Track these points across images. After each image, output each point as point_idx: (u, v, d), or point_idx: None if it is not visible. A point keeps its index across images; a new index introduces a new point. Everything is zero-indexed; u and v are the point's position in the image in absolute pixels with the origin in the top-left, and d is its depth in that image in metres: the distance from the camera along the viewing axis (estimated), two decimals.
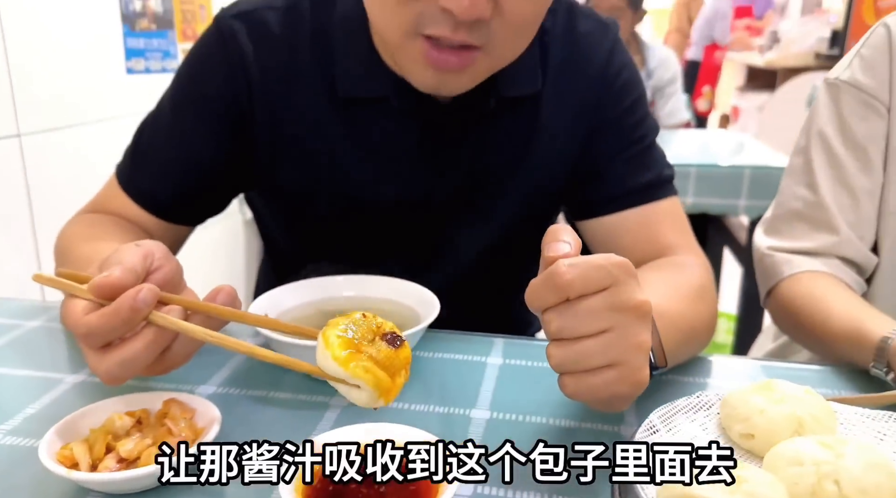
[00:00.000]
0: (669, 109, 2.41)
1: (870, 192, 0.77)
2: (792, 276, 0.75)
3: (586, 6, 0.78)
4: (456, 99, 0.69)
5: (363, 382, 0.42)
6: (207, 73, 0.72)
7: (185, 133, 0.73)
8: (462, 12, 0.54)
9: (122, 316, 0.44)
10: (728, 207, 1.70)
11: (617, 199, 0.75)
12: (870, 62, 0.77)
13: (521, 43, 0.64)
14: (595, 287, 0.43)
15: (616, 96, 0.75)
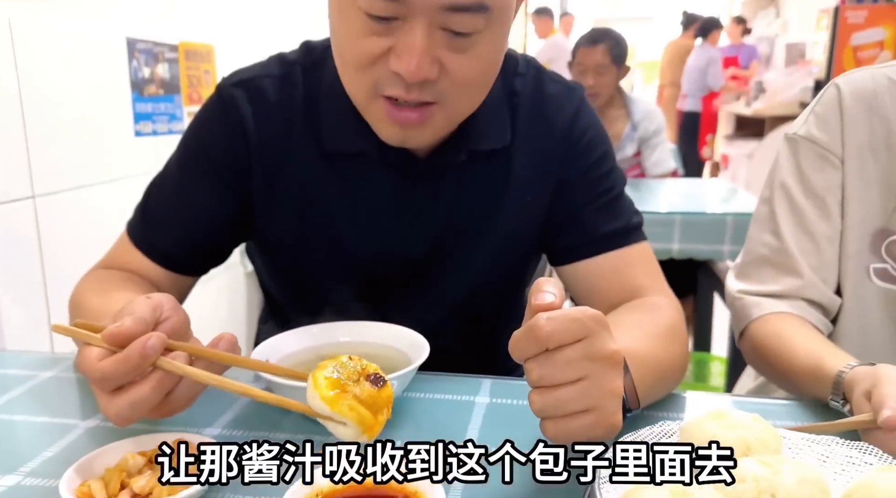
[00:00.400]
0: (656, 159, 2.49)
1: (830, 238, 0.82)
2: (761, 317, 0.80)
3: (553, 72, 0.85)
4: (432, 152, 0.76)
5: (348, 419, 0.47)
6: (210, 136, 0.79)
7: (190, 190, 0.79)
8: (409, 76, 0.62)
9: (132, 361, 0.50)
10: (713, 253, 1.75)
11: (590, 245, 0.81)
12: (823, 119, 0.83)
13: (473, 98, 0.70)
14: (572, 338, 0.47)
15: (582, 153, 0.81)
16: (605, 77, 2.37)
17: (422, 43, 0.61)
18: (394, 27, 0.62)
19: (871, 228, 0.81)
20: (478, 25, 0.63)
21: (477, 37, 0.64)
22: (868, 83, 0.82)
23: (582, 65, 2.39)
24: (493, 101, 0.78)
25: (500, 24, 0.66)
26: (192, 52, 1.57)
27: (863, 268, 0.81)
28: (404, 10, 0.61)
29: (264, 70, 0.80)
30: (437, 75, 0.64)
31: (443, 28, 0.62)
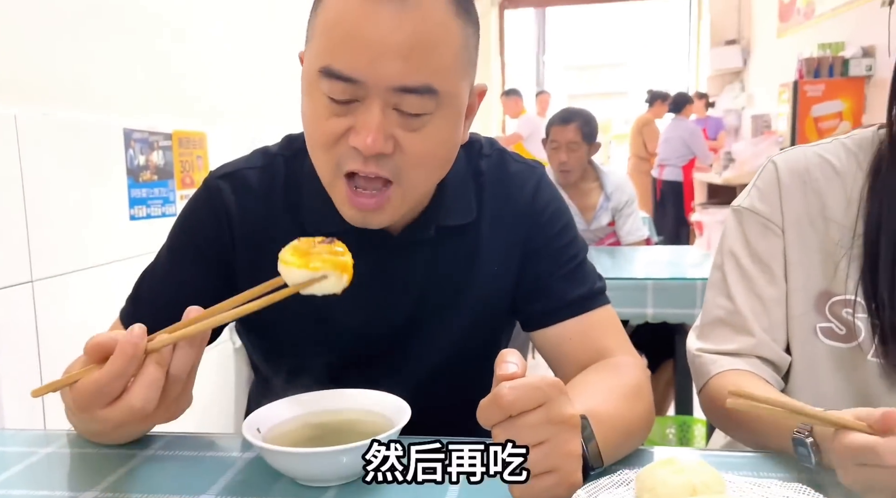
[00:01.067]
0: (629, 228, 2.59)
1: (777, 300, 0.89)
2: (719, 373, 0.86)
3: (514, 152, 0.94)
4: (404, 229, 0.83)
5: (325, 270, 0.60)
6: (197, 224, 0.85)
7: (179, 276, 0.85)
8: (366, 149, 0.69)
9: (128, 353, 0.57)
10: (686, 317, 1.82)
11: (557, 311, 0.87)
12: (764, 192, 0.91)
13: (427, 176, 0.76)
14: (533, 404, 0.53)
15: (545, 224, 0.88)
16: (577, 153, 2.52)
17: (377, 120, 0.68)
18: (353, 108, 0.70)
19: (814, 291, 0.88)
20: (427, 107, 0.70)
21: (428, 118, 0.71)
22: (801, 160, 0.90)
23: (555, 142, 2.53)
24: (459, 181, 0.86)
25: (450, 108, 0.73)
26: (186, 139, 1.66)
27: (810, 327, 0.88)
28: (361, 92, 0.69)
29: (248, 163, 0.87)
30: (392, 151, 0.70)
31: (396, 109, 0.69)
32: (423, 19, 0.68)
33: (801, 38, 5.70)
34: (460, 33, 0.72)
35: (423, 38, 0.68)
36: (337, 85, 0.69)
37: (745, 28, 7.48)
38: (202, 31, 1.85)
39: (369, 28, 0.67)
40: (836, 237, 0.87)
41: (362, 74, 0.68)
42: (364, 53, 0.67)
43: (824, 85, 4.59)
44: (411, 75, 0.68)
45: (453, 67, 0.71)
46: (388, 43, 0.67)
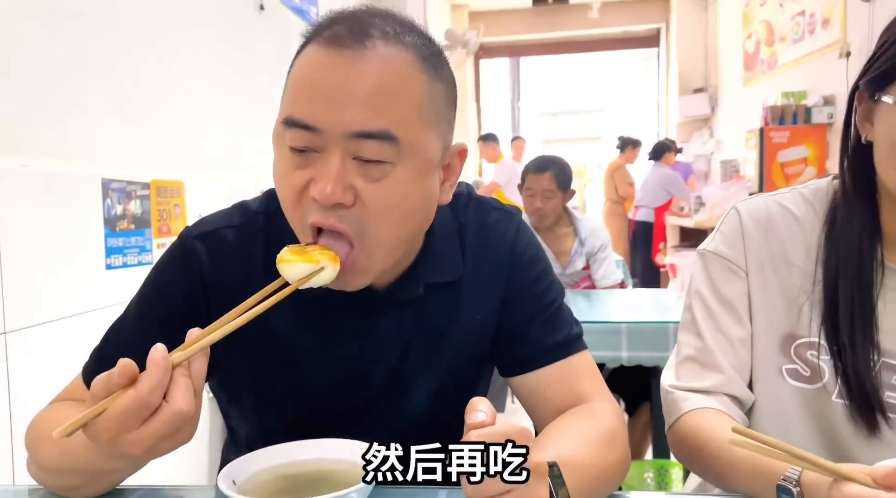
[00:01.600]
0: (603, 273, 2.64)
1: (742, 340, 0.92)
2: (690, 411, 0.87)
3: (492, 198, 0.95)
4: (390, 287, 0.83)
5: (323, 259, 0.68)
6: (169, 287, 0.83)
7: (146, 336, 0.77)
8: (323, 199, 0.68)
9: (161, 366, 0.59)
10: (660, 359, 1.85)
11: (535, 358, 0.88)
12: (727, 237, 0.95)
13: (390, 230, 0.73)
14: None
15: (524, 270, 0.90)
16: (552, 201, 2.58)
17: (335, 169, 0.68)
18: (313, 159, 0.70)
19: (778, 333, 0.91)
20: (387, 155, 0.69)
21: (389, 167, 0.70)
22: (762, 208, 0.94)
23: (531, 189, 2.59)
24: (446, 236, 0.86)
25: (413, 159, 0.71)
26: (164, 188, 1.67)
27: (775, 368, 0.91)
28: (320, 142, 0.69)
29: (226, 220, 0.85)
30: (353, 202, 0.70)
31: (356, 157, 0.69)
32: (383, 69, 0.69)
33: (765, 87, 5.91)
34: (424, 87, 0.72)
35: (382, 87, 0.69)
36: (297, 134, 0.69)
37: (713, 77, 7.74)
38: (181, 82, 1.89)
39: (328, 77, 0.69)
40: (798, 282, 0.90)
41: (320, 121, 0.68)
42: (322, 100, 0.68)
43: (789, 131, 4.75)
44: (369, 120, 0.68)
45: (415, 118, 0.71)
46: (345, 90, 0.68)
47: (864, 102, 0.86)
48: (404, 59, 0.71)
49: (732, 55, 6.97)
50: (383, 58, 0.69)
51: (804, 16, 5.22)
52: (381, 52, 0.70)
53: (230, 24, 2.25)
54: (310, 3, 3.01)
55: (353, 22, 0.71)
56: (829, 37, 4.78)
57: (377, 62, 0.69)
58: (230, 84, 2.21)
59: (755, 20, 6.31)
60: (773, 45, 5.89)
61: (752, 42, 6.41)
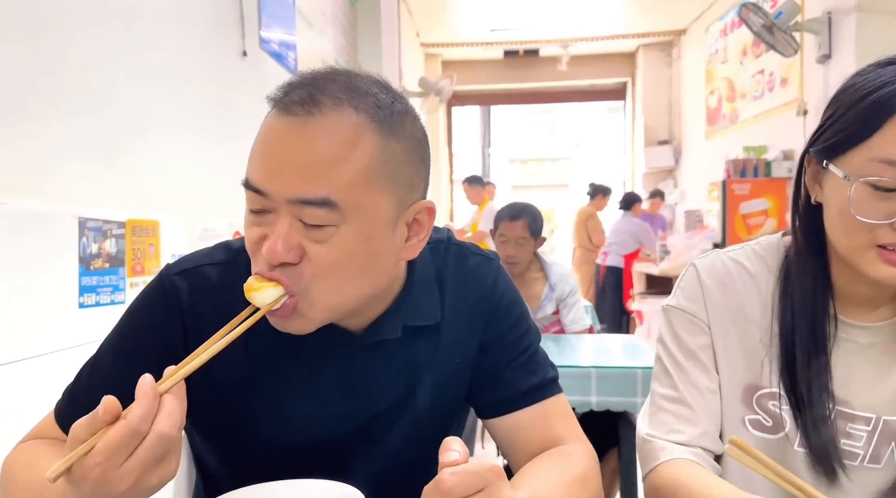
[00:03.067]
0: (572, 317, 2.68)
1: (712, 390, 0.94)
2: (667, 461, 0.89)
3: (471, 243, 0.97)
4: (368, 329, 0.84)
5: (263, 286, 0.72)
6: (148, 325, 0.82)
7: (121, 378, 0.76)
8: (269, 256, 0.72)
9: (149, 395, 0.60)
10: (627, 404, 1.88)
11: (512, 401, 0.90)
12: (688, 292, 0.98)
13: (337, 286, 0.74)
14: (473, 489, 0.58)
15: (502, 316, 0.92)
16: (524, 248, 2.64)
17: (281, 230, 0.71)
18: (267, 219, 0.74)
19: (740, 385, 0.94)
20: (329, 219, 0.71)
21: (332, 230, 0.72)
22: (718, 265, 0.98)
23: (504, 236, 2.65)
24: (424, 278, 0.88)
25: (358, 221, 0.73)
26: (139, 228, 1.67)
27: (738, 419, 0.93)
28: (270, 204, 0.73)
29: (208, 258, 0.86)
30: (299, 260, 0.72)
31: (300, 220, 0.72)
32: (326, 136, 0.71)
33: (727, 141, 6.15)
34: (374, 150, 0.73)
35: (323, 154, 0.70)
36: (252, 196, 0.74)
37: (677, 129, 8.01)
38: (159, 122, 1.91)
39: (274, 144, 0.72)
40: (756, 335, 0.94)
41: (266, 187, 0.72)
42: (268, 167, 0.72)
43: (750, 184, 4.92)
44: (307, 189, 0.70)
45: (360, 182, 0.72)
46: (286, 158, 0.71)
47: (812, 165, 0.90)
48: (353, 124, 0.72)
49: (695, 110, 7.24)
50: (329, 124, 0.71)
51: (763, 74, 5.48)
52: (328, 119, 0.72)
53: (212, 69, 2.29)
54: (287, 49, 3.07)
55: (307, 87, 0.73)
56: (788, 95, 5.01)
57: (322, 129, 0.71)
58: (208, 127, 2.24)
59: (717, 77, 6.59)
60: (734, 101, 6.14)
61: (714, 98, 6.67)
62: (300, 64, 3.20)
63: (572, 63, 8.23)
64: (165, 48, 1.96)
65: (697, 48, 7.22)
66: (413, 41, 7.51)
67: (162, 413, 0.61)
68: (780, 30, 4.18)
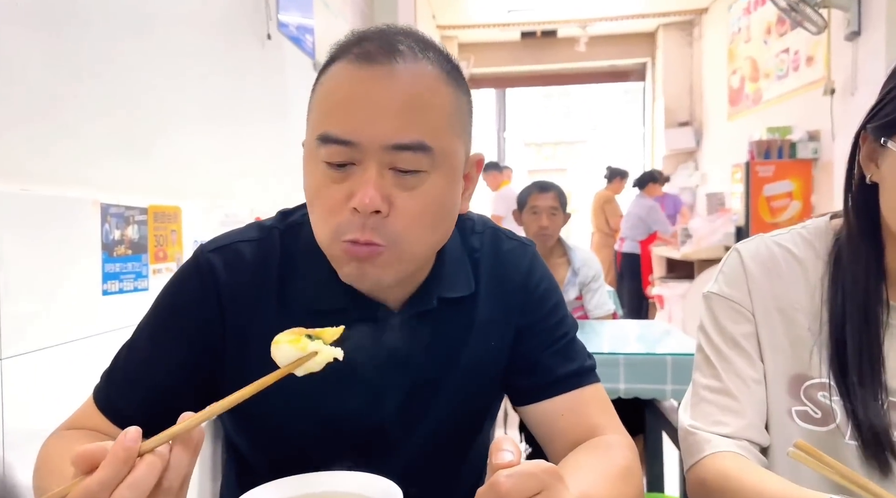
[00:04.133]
0: (596, 302, 2.64)
1: (757, 380, 0.91)
2: (713, 453, 0.85)
3: (508, 230, 0.96)
4: (404, 303, 0.83)
5: (316, 345, 0.62)
6: (184, 301, 0.83)
7: (159, 355, 0.81)
8: (362, 207, 0.70)
9: (119, 458, 0.52)
10: (657, 392, 1.84)
11: (548, 387, 0.88)
12: (730, 278, 0.95)
13: (422, 235, 0.75)
14: (529, 493, 0.54)
15: (538, 302, 0.90)
16: (556, 218, 2.63)
17: (373, 178, 0.71)
18: (350, 172, 0.72)
19: (787, 375, 0.90)
20: (422, 164, 0.72)
21: (423, 176, 0.73)
22: (763, 250, 0.94)
23: (535, 207, 2.64)
24: (455, 255, 0.87)
25: (444, 167, 0.75)
26: (161, 214, 1.66)
27: (784, 410, 0.90)
28: (357, 155, 0.71)
29: (242, 235, 0.86)
30: (388, 211, 0.72)
31: (391, 168, 0.72)
32: (413, 83, 0.73)
33: (750, 122, 6.03)
34: (451, 98, 0.76)
35: (414, 99, 0.72)
36: (334, 149, 0.72)
37: (697, 111, 7.88)
38: (181, 108, 1.88)
39: (362, 93, 0.71)
40: (804, 323, 0.90)
41: (357, 135, 0.71)
42: (358, 115, 0.71)
43: (774, 166, 4.83)
44: (404, 132, 0.71)
45: (445, 127, 0.75)
46: (380, 104, 0.71)
47: (868, 143, 0.86)
48: (431, 73, 0.75)
49: (717, 90, 7.11)
50: (412, 72, 0.73)
51: (788, 53, 5.35)
52: (410, 67, 0.73)
53: (230, 53, 2.26)
54: (305, 32, 3.03)
55: (382, 39, 0.74)
56: (814, 74, 4.90)
57: (407, 76, 0.72)
58: (229, 112, 2.21)
59: (740, 57, 6.46)
60: (757, 81, 6.01)
61: (736, 78, 6.54)
62: (318, 48, 3.17)
63: (591, 44, 8.11)
64: (188, 34, 1.93)
65: (719, 27, 7.08)
66: (429, 24, 7.43)
67: (122, 485, 0.53)
68: (808, 5, 4.07)
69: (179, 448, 0.56)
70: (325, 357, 0.65)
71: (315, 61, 3.12)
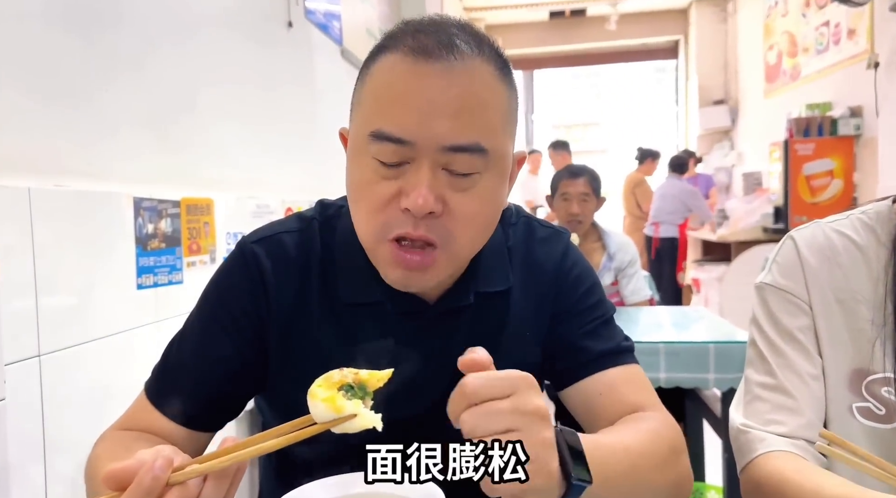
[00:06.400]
0: (632, 288, 2.59)
1: (814, 376, 0.86)
2: (768, 453, 0.81)
3: (541, 218, 0.95)
4: (441, 297, 0.81)
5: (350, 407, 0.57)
6: (232, 294, 0.83)
7: (209, 346, 0.82)
8: (416, 209, 0.68)
9: (144, 485, 0.51)
10: (699, 381, 1.79)
11: (584, 366, 0.85)
12: (785, 268, 0.90)
13: (474, 238, 0.75)
14: (499, 394, 0.54)
15: (572, 287, 0.88)
16: (588, 204, 2.58)
17: (427, 179, 0.69)
18: (402, 171, 0.70)
19: (847, 369, 0.86)
20: (477, 166, 0.71)
21: (477, 177, 0.71)
22: (820, 237, 0.89)
23: (566, 193, 2.58)
24: (495, 248, 0.85)
25: (497, 168, 0.73)
26: (193, 206, 1.65)
27: (844, 407, 0.85)
28: (411, 154, 0.69)
29: (283, 227, 0.86)
30: (441, 212, 0.70)
31: (445, 169, 0.70)
32: (471, 82, 0.70)
33: (787, 99, 5.85)
34: (505, 97, 0.74)
35: (472, 99, 0.70)
36: (387, 147, 0.69)
37: (733, 88, 7.68)
38: (210, 100, 1.87)
39: (419, 90, 0.69)
40: (866, 315, 0.85)
41: (413, 135, 0.68)
42: (414, 114, 0.69)
43: (814, 144, 4.68)
44: (461, 134, 0.69)
45: (500, 127, 0.73)
46: (437, 103, 0.68)
47: None
48: (488, 71, 0.72)
49: (753, 67, 6.92)
50: (470, 69, 0.70)
51: (829, 26, 5.17)
52: (468, 64, 0.70)
53: (258, 42, 2.24)
54: (333, 18, 3.00)
55: (438, 33, 0.71)
56: (856, 47, 4.72)
57: (466, 74, 0.70)
58: (258, 102, 2.20)
59: (777, 31, 6.26)
60: (795, 57, 5.83)
61: (773, 53, 6.35)
62: (345, 34, 3.14)
63: (621, 22, 7.94)
64: (217, 27, 1.92)
65: (755, 1, 6.87)
66: (456, 6, 7.35)
67: None
68: None
69: (213, 483, 0.55)
70: (364, 424, 0.60)
71: (343, 48, 3.09)
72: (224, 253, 1.81)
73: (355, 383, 0.61)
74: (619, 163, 11.44)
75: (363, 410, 0.59)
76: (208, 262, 1.70)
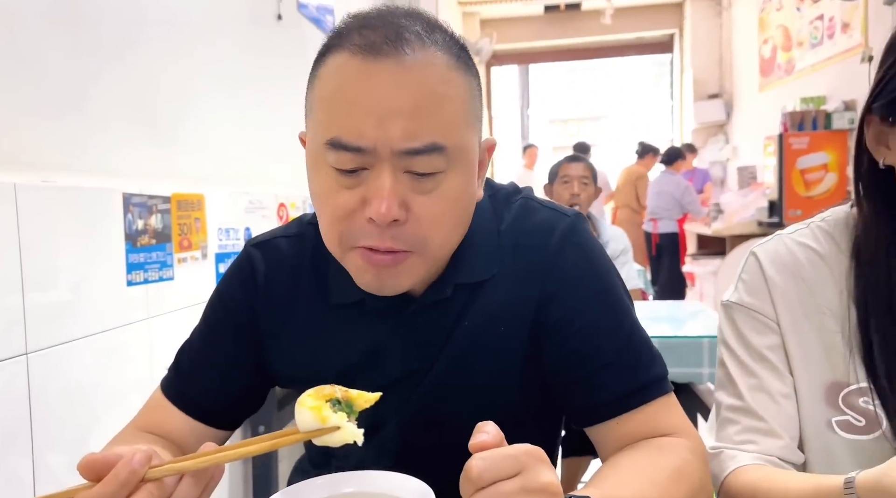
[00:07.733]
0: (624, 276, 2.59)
1: (786, 394, 0.84)
2: (739, 468, 0.80)
3: (545, 200, 0.86)
4: (427, 290, 0.78)
5: (335, 419, 0.57)
6: (231, 292, 0.86)
7: (215, 343, 0.85)
8: (379, 218, 0.65)
9: (120, 478, 0.51)
10: (693, 376, 1.79)
11: (603, 408, 0.76)
12: (751, 285, 0.88)
13: (443, 237, 0.71)
14: (506, 474, 0.51)
15: (571, 290, 0.78)
16: (588, 188, 2.62)
17: (389, 186, 0.65)
18: (362, 178, 0.67)
19: (822, 384, 0.84)
20: (438, 165, 0.67)
21: (440, 176, 0.68)
22: (783, 251, 0.87)
23: (567, 176, 2.63)
24: (483, 235, 0.79)
25: (461, 163, 0.69)
26: (184, 202, 1.64)
27: (824, 423, 0.83)
28: (369, 160, 0.66)
29: (283, 231, 0.88)
30: (406, 218, 0.67)
31: (407, 171, 0.67)
32: (425, 77, 0.66)
33: (782, 93, 5.85)
34: (463, 87, 0.70)
35: (427, 96, 0.66)
36: (344, 155, 0.67)
37: (727, 82, 7.68)
38: (201, 95, 1.86)
39: (370, 92, 0.65)
40: (835, 327, 0.83)
41: (369, 141, 0.65)
42: (369, 119, 0.65)
43: (809, 138, 4.67)
44: (419, 136, 0.65)
45: (461, 120, 0.69)
46: (391, 105, 0.65)
47: (874, 125, 0.79)
48: (442, 61, 0.68)
49: (748, 61, 6.91)
50: (423, 63, 0.66)
51: (823, 20, 5.17)
52: (420, 58, 0.66)
53: (248, 35, 2.22)
54: (325, 12, 2.98)
55: (386, 26, 0.67)
56: (850, 41, 4.72)
57: (418, 69, 0.66)
58: (248, 96, 2.18)
59: (771, 25, 6.26)
60: (790, 51, 5.83)
61: (768, 47, 6.35)
62: None
63: (616, 16, 7.91)
64: (206, 21, 1.90)
65: None
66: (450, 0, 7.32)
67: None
68: None
69: (189, 482, 0.56)
70: (345, 437, 0.60)
71: None
72: (216, 249, 1.80)
73: (343, 400, 0.61)
74: (614, 157, 11.44)
75: (346, 423, 0.59)
76: (199, 258, 1.69)
